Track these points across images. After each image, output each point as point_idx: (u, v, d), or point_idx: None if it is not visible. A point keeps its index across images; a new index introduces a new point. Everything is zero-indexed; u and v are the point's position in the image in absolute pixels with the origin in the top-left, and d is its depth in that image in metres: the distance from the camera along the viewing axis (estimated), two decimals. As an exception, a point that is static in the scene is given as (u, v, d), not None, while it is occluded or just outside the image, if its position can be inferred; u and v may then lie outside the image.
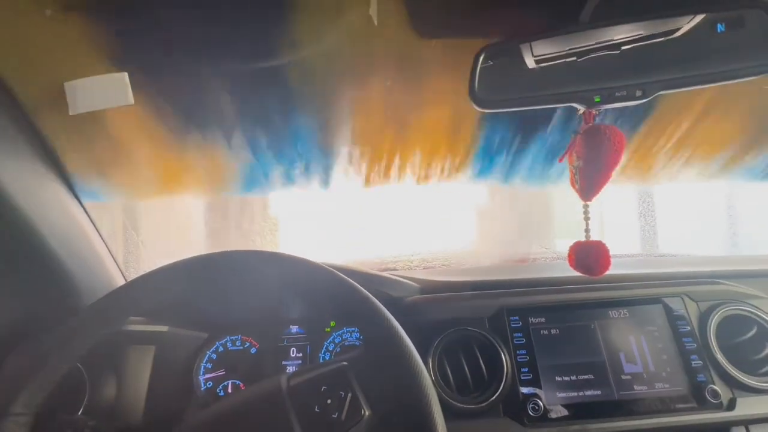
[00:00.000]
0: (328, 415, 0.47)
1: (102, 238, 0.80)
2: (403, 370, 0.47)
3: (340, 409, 0.47)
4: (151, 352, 0.73)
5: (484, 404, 0.66)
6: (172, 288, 0.53)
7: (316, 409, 0.47)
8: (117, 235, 0.89)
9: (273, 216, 1.03)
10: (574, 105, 0.56)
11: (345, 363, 0.50)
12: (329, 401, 0.47)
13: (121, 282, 0.82)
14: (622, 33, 0.53)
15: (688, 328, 0.71)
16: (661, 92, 0.51)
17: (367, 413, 0.47)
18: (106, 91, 0.59)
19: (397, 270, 0.90)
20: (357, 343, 0.81)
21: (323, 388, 0.48)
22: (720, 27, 0.50)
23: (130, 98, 0.60)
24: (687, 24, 0.52)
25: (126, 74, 0.60)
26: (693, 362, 0.69)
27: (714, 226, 1.11)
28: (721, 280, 0.77)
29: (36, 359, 0.47)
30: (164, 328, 0.74)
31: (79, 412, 0.62)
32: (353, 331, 0.82)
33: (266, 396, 0.49)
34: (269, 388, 0.49)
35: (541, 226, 1.05)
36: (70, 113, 0.60)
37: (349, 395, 0.47)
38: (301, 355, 0.82)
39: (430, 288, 0.80)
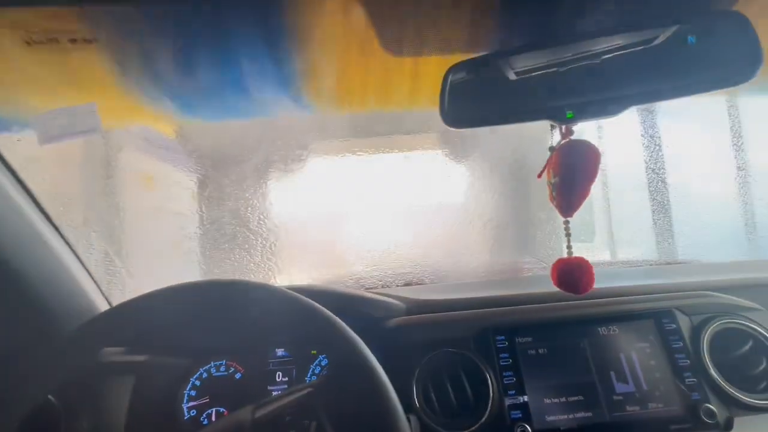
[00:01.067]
0: None
1: (83, 265, 0.79)
2: (368, 394, 0.46)
3: None
4: (131, 382, 0.72)
5: (470, 429, 0.63)
6: (146, 319, 0.52)
7: None
8: (99, 261, 0.88)
9: (262, 232, 1.02)
10: (548, 121, 0.55)
11: (311, 389, 0.49)
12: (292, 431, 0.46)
13: (105, 308, 0.81)
14: (595, 45, 0.53)
15: (681, 343, 0.69)
16: (634, 106, 0.50)
17: None
18: (75, 120, 0.59)
19: (383, 288, 0.89)
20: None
21: (287, 418, 0.47)
22: (691, 39, 0.49)
23: (99, 127, 0.59)
24: (660, 35, 0.51)
25: (95, 104, 0.59)
26: (687, 380, 0.66)
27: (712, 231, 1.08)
28: (713, 293, 0.75)
29: (7, 393, 0.46)
30: (142, 358, 0.72)
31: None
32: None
33: (231, 430, 0.48)
34: (233, 421, 0.48)
35: (535, 236, 1.03)
36: (39, 144, 0.59)
37: (313, 423, 0.46)
38: (287, 379, 0.80)
39: (415, 307, 0.78)
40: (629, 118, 0.98)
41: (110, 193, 0.95)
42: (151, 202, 1.02)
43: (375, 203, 1.03)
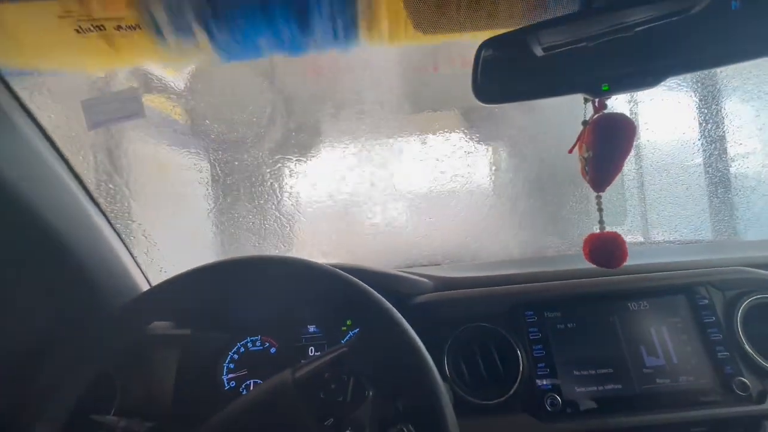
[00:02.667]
0: (334, 399, 0.49)
1: (124, 243, 0.83)
2: (400, 349, 0.49)
3: (344, 392, 0.50)
4: (177, 353, 0.76)
5: (500, 400, 0.66)
6: (189, 294, 0.55)
7: (322, 395, 0.49)
8: (136, 239, 0.92)
9: (288, 214, 1.05)
10: (582, 94, 0.54)
11: (344, 349, 0.52)
12: (333, 386, 0.50)
13: (144, 285, 0.85)
14: (630, 16, 0.51)
15: (713, 318, 0.69)
16: (673, 76, 0.49)
17: (371, 393, 0.49)
18: (120, 105, 0.61)
19: (410, 268, 0.90)
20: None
21: (326, 374, 0.50)
22: (735, 3, 0.47)
23: (143, 112, 0.62)
24: (701, 2, 0.49)
25: (139, 89, 0.62)
26: (719, 354, 0.66)
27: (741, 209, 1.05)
28: (747, 268, 0.74)
29: (68, 363, 0.50)
30: (187, 332, 0.76)
31: (111, 413, 0.65)
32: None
33: (274, 390, 0.51)
34: (276, 382, 0.51)
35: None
36: (88, 130, 0.62)
37: (352, 378, 0.49)
38: (318, 353, 0.84)
39: (443, 285, 0.80)
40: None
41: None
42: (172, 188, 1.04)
43: (399, 185, 1.04)
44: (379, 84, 0.94)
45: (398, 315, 0.51)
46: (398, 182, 1.00)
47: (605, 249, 0.58)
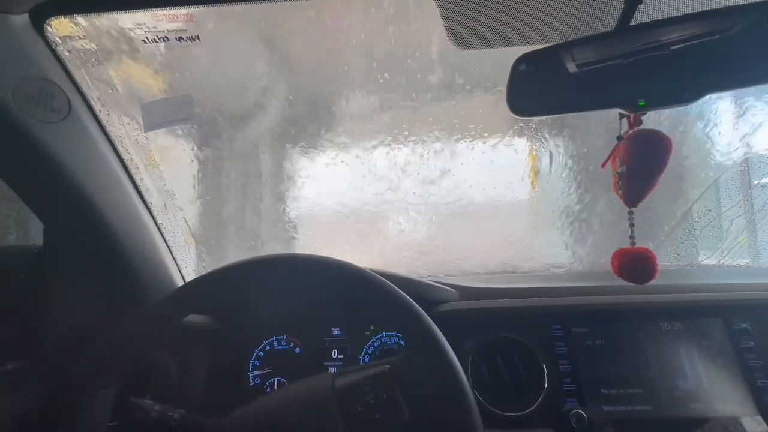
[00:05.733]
0: (371, 415, 0.49)
1: (165, 239, 0.88)
2: (443, 378, 0.49)
3: (381, 410, 0.49)
4: (207, 347, 0.79)
5: (523, 413, 0.65)
6: (226, 288, 0.58)
7: (359, 408, 0.49)
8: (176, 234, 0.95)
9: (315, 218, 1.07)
10: (617, 109, 0.55)
11: (387, 366, 0.52)
12: (372, 402, 0.49)
13: (179, 280, 0.89)
14: (669, 34, 0.52)
15: (752, 343, 0.66)
16: (711, 93, 0.49)
17: (407, 416, 0.49)
18: (175, 109, 0.66)
19: (437, 276, 0.91)
20: (395, 347, 0.83)
21: (366, 388, 0.50)
22: (776, 23, 0.47)
23: (192, 115, 0.66)
24: (740, 20, 0.49)
25: (190, 95, 0.66)
26: (759, 381, 0.64)
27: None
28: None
29: (115, 345, 0.54)
30: (217, 326, 0.79)
31: (147, 398, 0.68)
32: (392, 335, 0.84)
33: (314, 393, 0.52)
34: (317, 386, 0.52)
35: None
36: (144, 131, 0.67)
37: (391, 398, 0.49)
38: (342, 356, 0.85)
39: (468, 295, 0.80)
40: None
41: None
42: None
43: (428, 193, 1.04)
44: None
45: (447, 345, 0.51)
46: (428, 190, 1.01)
47: (634, 264, 0.58)
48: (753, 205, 0.92)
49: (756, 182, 0.93)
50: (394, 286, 0.54)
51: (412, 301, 0.53)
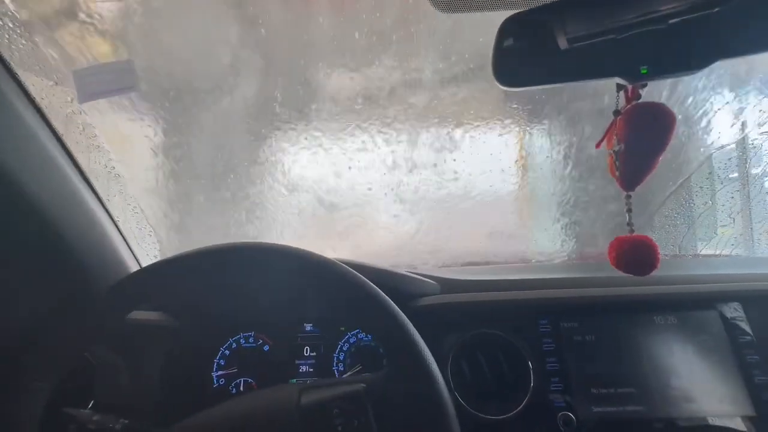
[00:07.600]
0: None
1: (118, 228, 0.79)
2: (428, 412, 0.43)
3: (350, 430, 0.44)
4: (163, 347, 0.72)
5: (507, 416, 0.60)
6: (180, 279, 0.50)
7: (324, 428, 0.44)
8: (129, 221, 0.87)
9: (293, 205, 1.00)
10: (616, 79, 0.49)
11: (363, 386, 0.47)
12: (339, 429, 0.44)
13: (134, 267, 0.81)
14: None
15: (749, 338, 0.62)
16: (723, 59, 0.44)
17: None
18: (113, 77, 0.58)
19: (416, 268, 0.85)
20: (373, 344, 0.77)
21: (335, 410, 0.44)
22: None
23: (136, 85, 0.58)
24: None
25: (132, 61, 0.58)
26: (756, 378, 0.60)
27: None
28: (789, 284, 0.67)
29: (46, 353, 0.46)
30: (174, 323, 0.72)
31: (88, 407, 0.61)
32: (368, 333, 0.78)
33: (277, 407, 0.46)
34: (280, 399, 0.47)
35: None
36: (79, 103, 0.58)
37: (362, 425, 0.44)
38: (314, 354, 0.80)
39: (450, 287, 0.74)
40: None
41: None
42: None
43: (412, 183, 0.98)
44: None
45: (435, 367, 0.45)
46: (412, 180, 0.94)
47: (634, 254, 0.52)
48: (749, 193, 0.88)
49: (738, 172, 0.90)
50: (371, 285, 0.47)
51: (393, 303, 0.46)
